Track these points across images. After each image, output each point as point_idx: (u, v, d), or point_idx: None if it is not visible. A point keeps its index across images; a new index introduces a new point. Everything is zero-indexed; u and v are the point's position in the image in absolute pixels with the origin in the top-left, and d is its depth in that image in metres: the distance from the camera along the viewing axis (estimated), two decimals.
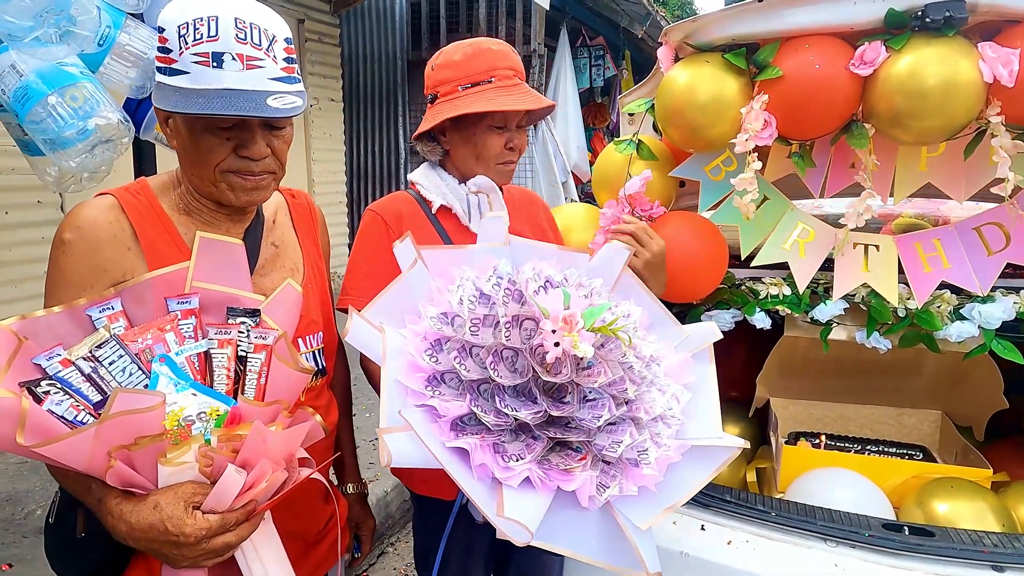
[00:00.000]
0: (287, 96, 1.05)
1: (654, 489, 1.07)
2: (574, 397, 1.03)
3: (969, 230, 1.70)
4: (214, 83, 1.01)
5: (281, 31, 1.08)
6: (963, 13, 1.41)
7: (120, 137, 2.15)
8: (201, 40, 1.00)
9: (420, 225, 1.51)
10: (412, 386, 1.04)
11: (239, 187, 1.13)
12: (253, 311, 1.15)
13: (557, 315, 1.00)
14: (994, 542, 1.47)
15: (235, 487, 0.95)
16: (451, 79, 1.46)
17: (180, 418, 0.98)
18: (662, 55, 1.75)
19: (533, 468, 0.98)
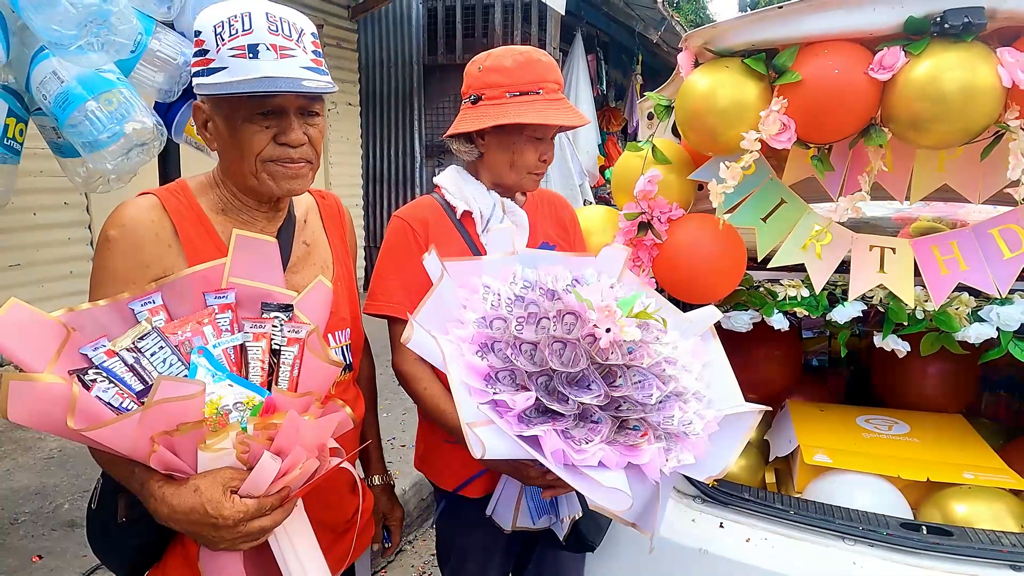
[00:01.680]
0: (320, 80, 1.12)
1: (704, 457, 1.14)
2: (626, 380, 1.08)
3: (986, 232, 1.71)
4: (251, 73, 1.07)
5: (308, 26, 1.15)
6: (982, 19, 1.43)
7: (153, 140, 2.21)
8: (237, 34, 1.07)
9: (445, 231, 1.54)
10: (474, 385, 1.10)
11: (280, 175, 1.18)
12: (286, 306, 1.19)
13: (605, 307, 1.08)
14: (1012, 542, 1.49)
15: (271, 473, 0.99)
16: (499, 84, 1.47)
17: (219, 407, 1.02)
18: (682, 60, 1.79)
19: (606, 449, 1.04)
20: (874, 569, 1.49)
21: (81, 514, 2.87)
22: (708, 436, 1.16)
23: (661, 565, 1.64)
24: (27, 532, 2.72)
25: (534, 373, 1.09)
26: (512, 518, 1.51)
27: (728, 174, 1.64)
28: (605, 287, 1.18)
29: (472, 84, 1.53)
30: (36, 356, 0.97)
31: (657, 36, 8.75)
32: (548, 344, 1.09)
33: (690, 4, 20.12)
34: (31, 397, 0.91)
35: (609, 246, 1.45)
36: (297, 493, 1.06)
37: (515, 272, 1.24)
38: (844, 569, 1.50)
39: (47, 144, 2.44)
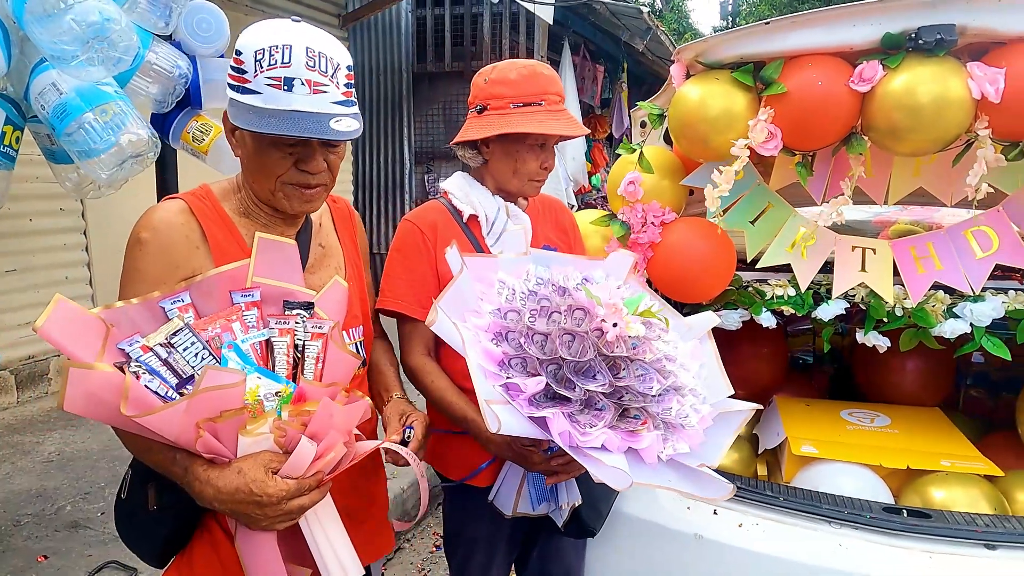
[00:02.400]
0: (346, 119, 1.16)
1: (698, 448, 1.23)
2: (629, 372, 1.18)
3: (960, 234, 1.83)
4: (284, 104, 1.12)
5: (344, 59, 1.19)
6: (953, 36, 1.54)
7: (148, 152, 2.26)
8: (275, 66, 1.11)
9: (453, 234, 1.62)
10: (489, 369, 1.19)
11: (295, 197, 1.24)
12: (307, 304, 1.26)
13: (613, 305, 1.18)
14: (986, 523, 1.59)
15: (309, 456, 1.07)
16: (504, 95, 1.56)
17: (257, 395, 1.10)
18: (675, 72, 1.88)
19: (608, 432, 1.14)
20: (858, 550, 1.58)
21: (83, 515, 2.91)
22: (703, 429, 1.25)
23: (659, 549, 1.73)
24: (30, 533, 2.75)
25: (544, 361, 1.18)
26: (513, 504, 1.59)
27: (722, 179, 1.74)
28: (612, 287, 1.28)
29: (478, 95, 1.61)
30: (85, 349, 1.04)
31: (643, 45, 8.90)
32: (559, 335, 1.18)
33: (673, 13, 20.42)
34: (87, 385, 0.98)
35: (617, 251, 1.56)
36: (330, 476, 1.13)
37: (528, 270, 1.33)
38: (831, 550, 1.59)
39: (41, 151, 2.49)
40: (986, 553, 1.53)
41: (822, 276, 1.94)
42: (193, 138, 2.59)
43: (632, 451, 1.18)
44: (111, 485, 3.18)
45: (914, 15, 1.57)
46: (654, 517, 1.73)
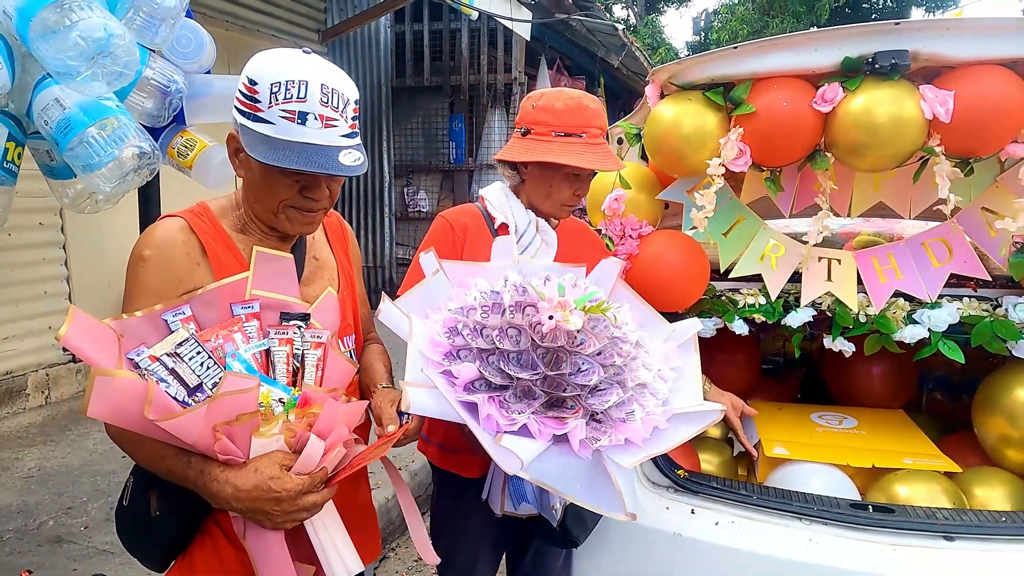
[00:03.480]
0: (353, 152, 1.22)
1: (639, 444, 1.27)
2: (567, 364, 1.25)
3: (918, 245, 1.94)
4: (296, 137, 1.16)
5: (353, 94, 1.23)
6: (906, 61, 1.66)
7: (150, 164, 2.31)
8: (291, 100, 1.15)
9: (482, 237, 1.70)
10: (432, 357, 1.27)
11: (297, 220, 1.29)
12: (304, 315, 1.33)
13: (553, 299, 1.25)
14: (946, 516, 1.69)
15: (318, 451, 1.13)
16: (547, 123, 1.63)
17: (268, 399, 1.16)
18: (649, 92, 1.98)
19: (532, 418, 1.20)
20: (828, 544, 1.67)
21: (66, 530, 2.90)
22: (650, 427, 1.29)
23: (639, 549, 1.80)
24: (13, 549, 2.74)
25: (485, 351, 1.27)
26: (500, 502, 1.65)
27: (704, 200, 1.83)
28: (569, 287, 1.35)
29: (524, 117, 1.69)
30: (104, 357, 1.09)
31: (618, 61, 9.10)
32: (504, 328, 1.27)
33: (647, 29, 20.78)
34: (111, 391, 1.03)
35: (606, 259, 1.64)
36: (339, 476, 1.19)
37: (506, 275, 1.41)
38: (802, 545, 1.67)
39: (38, 166, 2.51)
40: (946, 544, 1.63)
41: (791, 285, 2.04)
42: (178, 153, 2.64)
43: (566, 444, 1.23)
44: (93, 500, 3.17)
45: (871, 41, 1.69)
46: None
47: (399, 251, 7.95)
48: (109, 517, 2.80)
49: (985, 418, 2.07)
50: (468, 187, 7.70)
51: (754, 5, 17.68)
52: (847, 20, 16.43)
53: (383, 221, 7.83)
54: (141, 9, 2.30)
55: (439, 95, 7.74)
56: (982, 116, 1.63)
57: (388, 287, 7.68)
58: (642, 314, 1.60)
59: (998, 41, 1.63)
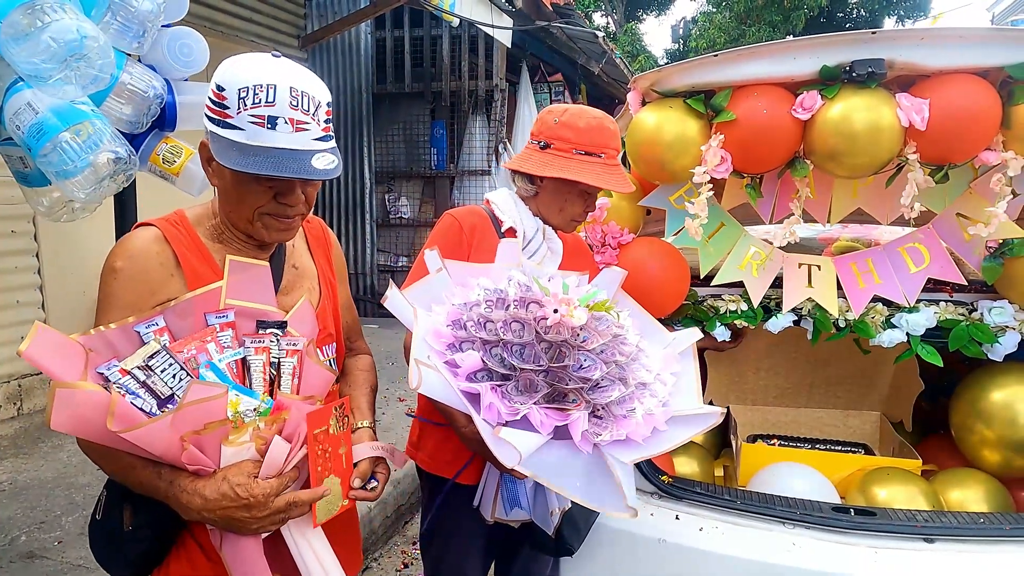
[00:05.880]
0: (327, 155, 1.19)
1: (640, 441, 1.27)
2: (570, 359, 1.25)
3: (895, 250, 1.97)
4: (266, 142, 1.14)
5: (324, 96, 1.21)
6: (882, 69, 1.69)
7: (126, 170, 2.27)
8: (259, 104, 1.13)
9: (488, 239, 1.70)
10: (435, 347, 1.27)
11: (273, 227, 1.27)
12: (280, 323, 1.30)
13: (558, 294, 1.27)
14: (925, 518, 1.71)
15: (283, 452, 1.12)
16: (569, 139, 1.65)
17: (237, 408, 1.14)
18: (631, 99, 1.99)
19: (534, 408, 1.20)
20: (810, 548, 1.68)
21: (39, 545, 2.83)
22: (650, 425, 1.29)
23: (624, 555, 1.79)
24: None
25: (488, 343, 1.27)
26: (492, 508, 1.64)
27: (696, 208, 1.85)
28: (573, 285, 1.36)
29: (544, 131, 1.69)
30: (68, 372, 1.07)
31: (598, 68, 9.15)
32: (508, 321, 1.27)
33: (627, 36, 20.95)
34: (74, 403, 1.01)
35: (609, 268, 1.66)
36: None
37: (510, 275, 1.41)
38: (785, 549, 1.69)
39: (12, 173, 2.46)
40: (925, 546, 1.65)
41: (772, 290, 2.05)
42: (163, 160, 2.59)
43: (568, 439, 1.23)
44: (67, 513, 3.09)
45: (848, 50, 1.71)
46: (618, 523, 1.80)
47: (380, 258, 7.91)
48: (83, 531, 2.74)
49: (962, 420, 2.10)
50: (450, 193, 7.68)
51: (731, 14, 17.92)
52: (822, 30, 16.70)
53: (364, 228, 7.78)
54: (117, 14, 2.26)
55: (420, 101, 7.72)
56: (956, 124, 1.66)
57: (370, 294, 7.63)
58: (643, 322, 1.62)
59: (971, 50, 1.66)
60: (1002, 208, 1.73)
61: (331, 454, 1.20)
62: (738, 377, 2.65)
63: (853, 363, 2.57)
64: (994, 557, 1.63)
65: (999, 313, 1.90)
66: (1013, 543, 1.65)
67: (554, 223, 1.75)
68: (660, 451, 1.28)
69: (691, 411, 1.36)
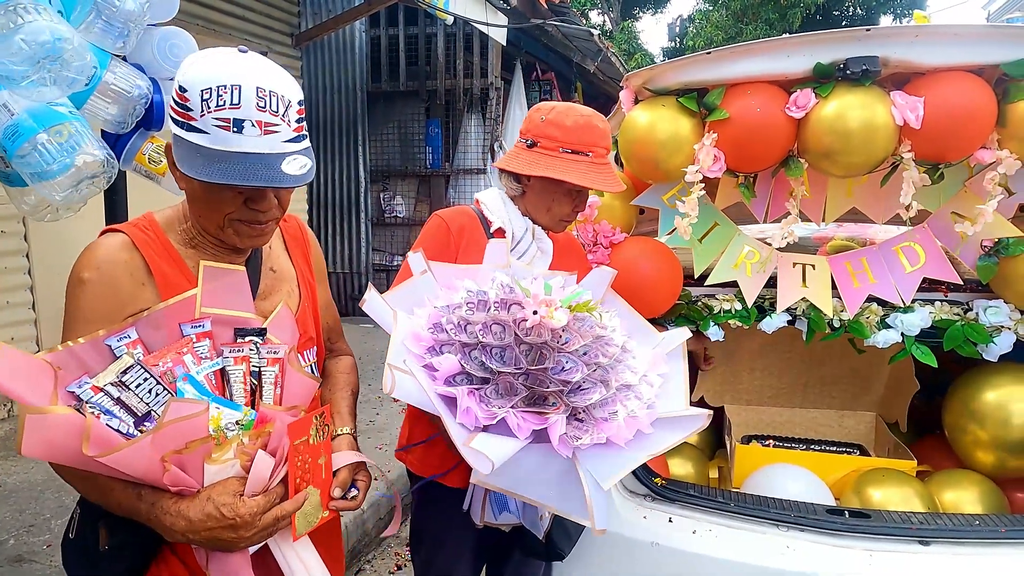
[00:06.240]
0: (299, 159, 1.13)
1: (622, 444, 1.24)
2: (550, 360, 1.23)
3: (890, 250, 1.95)
4: (233, 146, 1.07)
5: (295, 95, 1.14)
6: (877, 67, 1.67)
7: (104, 173, 2.23)
8: (224, 107, 1.06)
9: (477, 240, 1.67)
10: (414, 350, 1.25)
11: (245, 234, 1.21)
12: (260, 330, 1.24)
13: (538, 296, 1.24)
14: (920, 520, 1.69)
15: (268, 468, 1.08)
16: (555, 138, 1.61)
17: (220, 424, 1.10)
18: (624, 97, 1.97)
19: (512, 412, 1.18)
20: (805, 551, 1.66)
21: (28, 548, 2.80)
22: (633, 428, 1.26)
23: (616, 559, 1.78)
24: None
25: (468, 345, 1.25)
26: (481, 512, 1.62)
27: (688, 208, 1.83)
28: (556, 287, 1.33)
29: (531, 129, 1.66)
30: (37, 394, 1.01)
31: (594, 66, 9.12)
32: (488, 324, 1.25)
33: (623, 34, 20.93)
34: (45, 429, 0.96)
35: (598, 268, 1.63)
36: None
37: (494, 276, 1.39)
38: (779, 552, 1.67)
39: None
40: (921, 549, 1.63)
41: (766, 290, 2.04)
42: (149, 159, 2.57)
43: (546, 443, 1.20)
44: (57, 517, 3.07)
45: (842, 47, 1.70)
46: (611, 526, 1.78)
47: (376, 257, 7.88)
48: None
49: (955, 421, 2.09)
50: (445, 192, 7.66)
51: (728, 12, 17.90)
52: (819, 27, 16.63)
53: (359, 227, 7.75)
54: (102, 13, 2.23)
55: (415, 100, 7.69)
56: (951, 122, 1.64)
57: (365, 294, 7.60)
58: (631, 323, 1.59)
59: (966, 47, 1.64)
60: (991, 207, 1.72)
61: (311, 465, 1.16)
62: (733, 377, 2.63)
63: (848, 363, 2.56)
64: (990, 559, 1.61)
65: (995, 313, 1.88)
66: (1009, 545, 1.63)
67: (543, 223, 1.73)
68: (645, 457, 1.25)
69: (677, 413, 1.33)
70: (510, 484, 1.24)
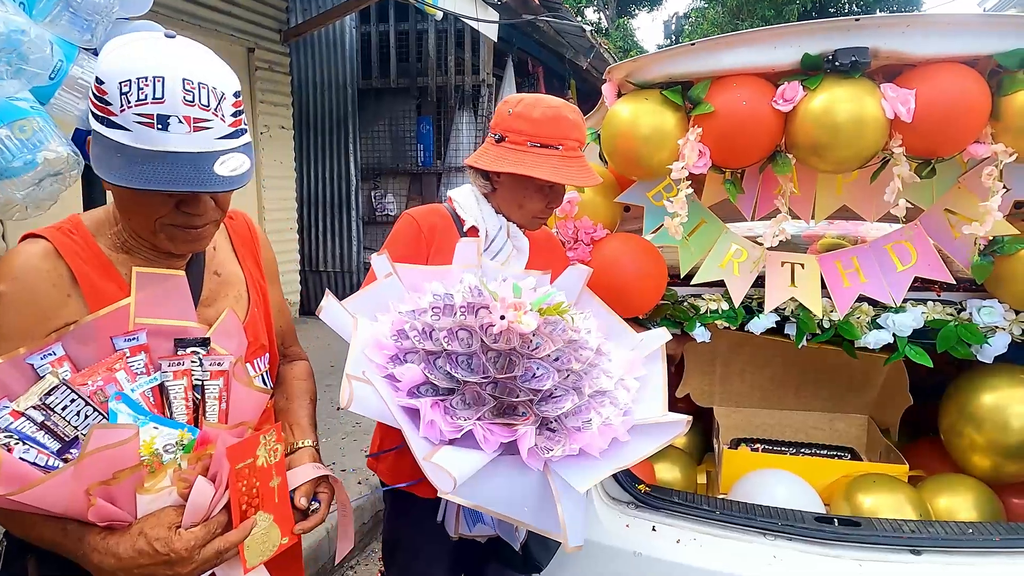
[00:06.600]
0: (235, 157, 1.02)
1: (596, 455, 1.17)
2: (519, 367, 1.16)
3: (881, 248, 1.89)
4: (158, 145, 0.96)
5: (230, 86, 1.03)
6: (866, 58, 1.61)
7: (69, 170, 2.15)
8: (145, 101, 0.95)
9: (450, 239, 1.59)
10: (376, 360, 1.18)
11: (180, 239, 1.09)
12: (203, 340, 1.14)
13: (506, 299, 1.16)
14: (912, 528, 1.63)
15: (207, 496, 0.98)
16: (523, 132, 1.53)
17: (153, 448, 1.00)
18: (606, 91, 1.91)
19: (479, 424, 1.11)
20: (792, 561, 1.60)
21: None
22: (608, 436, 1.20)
23: (599, 568, 1.71)
24: None
25: (433, 353, 1.17)
26: (455, 524, 1.55)
27: (676, 207, 1.76)
28: (527, 289, 1.26)
29: (499, 123, 1.59)
30: None
31: (587, 63, 9.05)
32: (454, 330, 1.18)
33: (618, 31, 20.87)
34: None
35: (573, 266, 1.55)
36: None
37: (463, 278, 1.31)
38: (766, 562, 1.60)
39: None
40: (912, 559, 1.57)
41: (754, 289, 1.98)
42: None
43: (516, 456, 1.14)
44: None
45: (831, 38, 1.63)
46: (592, 535, 1.72)
47: (367, 255, 7.81)
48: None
49: (951, 424, 2.03)
50: (436, 190, 7.58)
51: (724, 9, 17.85)
52: None
53: (350, 225, 7.67)
54: (69, 5, 2.15)
55: (406, 97, 7.61)
56: (943, 115, 1.59)
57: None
58: (608, 323, 1.52)
59: (959, 38, 1.58)
60: (995, 203, 1.65)
61: (260, 488, 1.06)
62: (722, 378, 2.57)
63: (841, 365, 2.49)
64: (983, 569, 1.55)
65: (989, 313, 1.82)
66: (1003, 554, 1.57)
67: (516, 221, 1.66)
68: (621, 466, 1.19)
69: (655, 420, 1.26)
70: (481, 499, 1.17)
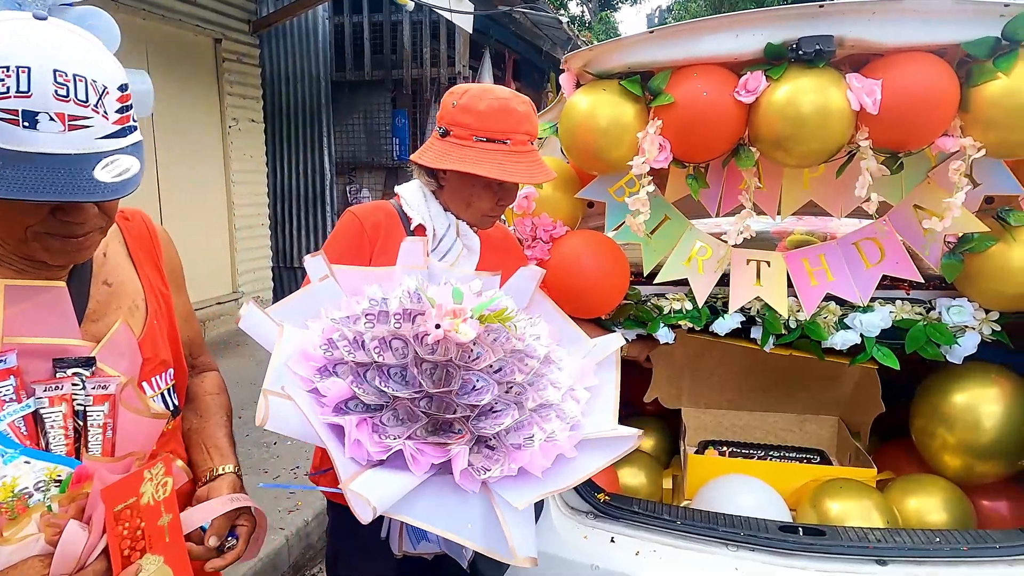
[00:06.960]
0: (119, 160, 0.90)
1: (539, 475, 1.09)
2: (456, 381, 1.07)
3: (849, 245, 1.83)
4: (25, 145, 0.84)
5: (115, 78, 0.92)
6: (831, 47, 1.53)
7: None
8: (8, 95, 0.82)
9: (396, 238, 1.49)
10: (302, 373, 1.08)
11: (57, 249, 0.97)
12: (86, 360, 1.03)
13: (444, 305, 1.07)
14: (878, 538, 1.57)
15: (78, 543, 0.88)
16: (468, 125, 1.44)
17: (14, 490, 0.89)
18: (564, 81, 1.82)
19: (408, 444, 1.02)
20: (755, 572, 1.53)
21: None
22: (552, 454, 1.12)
23: None
24: None
25: (363, 365, 1.08)
26: (399, 541, 1.47)
27: (638, 204, 1.68)
28: (469, 293, 1.17)
29: (444, 116, 1.49)
30: None
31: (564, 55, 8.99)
32: (387, 339, 1.09)
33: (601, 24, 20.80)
34: None
35: (524, 268, 1.44)
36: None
37: (403, 281, 1.22)
38: (727, 574, 1.54)
39: None
40: (878, 569, 1.51)
41: (719, 289, 1.90)
42: None
43: (451, 480, 1.06)
44: None
45: (794, 25, 1.56)
46: (548, 547, 1.64)
47: None
48: None
49: (923, 425, 1.98)
50: None
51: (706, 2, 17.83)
52: None
53: (324, 220, 7.54)
54: None
55: (381, 89, 7.49)
56: (911, 107, 1.51)
57: None
58: (561, 328, 1.42)
59: (926, 26, 1.51)
60: (959, 200, 1.59)
61: (146, 529, 0.95)
62: (690, 378, 2.50)
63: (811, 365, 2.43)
64: None
65: (958, 312, 1.76)
66: (971, 564, 1.52)
67: (465, 219, 1.56)
68: (565, 485, 1.10)
69: (603, 434, 1.18)
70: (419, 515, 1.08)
